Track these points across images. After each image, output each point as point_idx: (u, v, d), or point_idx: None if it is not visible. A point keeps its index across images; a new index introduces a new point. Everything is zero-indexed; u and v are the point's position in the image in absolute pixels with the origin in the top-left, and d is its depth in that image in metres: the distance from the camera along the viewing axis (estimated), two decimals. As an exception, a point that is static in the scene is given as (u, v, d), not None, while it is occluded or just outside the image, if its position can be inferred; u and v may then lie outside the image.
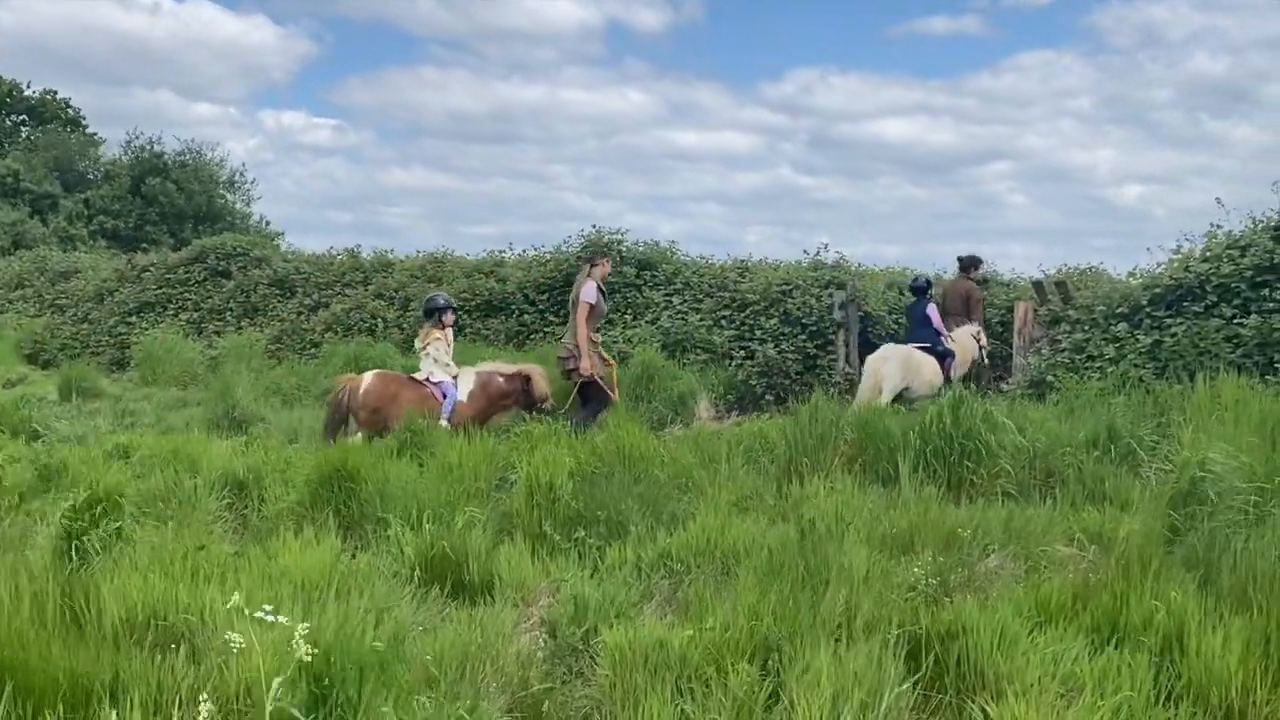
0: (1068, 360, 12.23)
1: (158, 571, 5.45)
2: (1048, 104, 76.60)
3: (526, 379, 11.21)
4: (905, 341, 13.32)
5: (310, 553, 6.16)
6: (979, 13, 74.85)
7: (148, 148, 46.15)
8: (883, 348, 12.94)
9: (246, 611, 3.61)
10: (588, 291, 11.23)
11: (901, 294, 16.62)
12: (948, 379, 12.68)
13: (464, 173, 78.39)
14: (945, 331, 13.34)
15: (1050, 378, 11.93)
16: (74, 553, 5.96)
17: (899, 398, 11.94)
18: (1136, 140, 75.88)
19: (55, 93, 51.34)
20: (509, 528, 7.23)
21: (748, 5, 78.82)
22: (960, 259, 14.77)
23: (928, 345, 12.98)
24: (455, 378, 11.06)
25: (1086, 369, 11.83)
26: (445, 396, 10.83)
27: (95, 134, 50.76)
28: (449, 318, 11.40)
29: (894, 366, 12.16)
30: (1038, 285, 14.59)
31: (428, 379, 10.95)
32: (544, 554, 6.67)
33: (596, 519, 7.07)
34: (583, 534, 6.90)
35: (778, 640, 4.70)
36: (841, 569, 5.56)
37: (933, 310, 13.41)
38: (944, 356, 13.02)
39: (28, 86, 50.94)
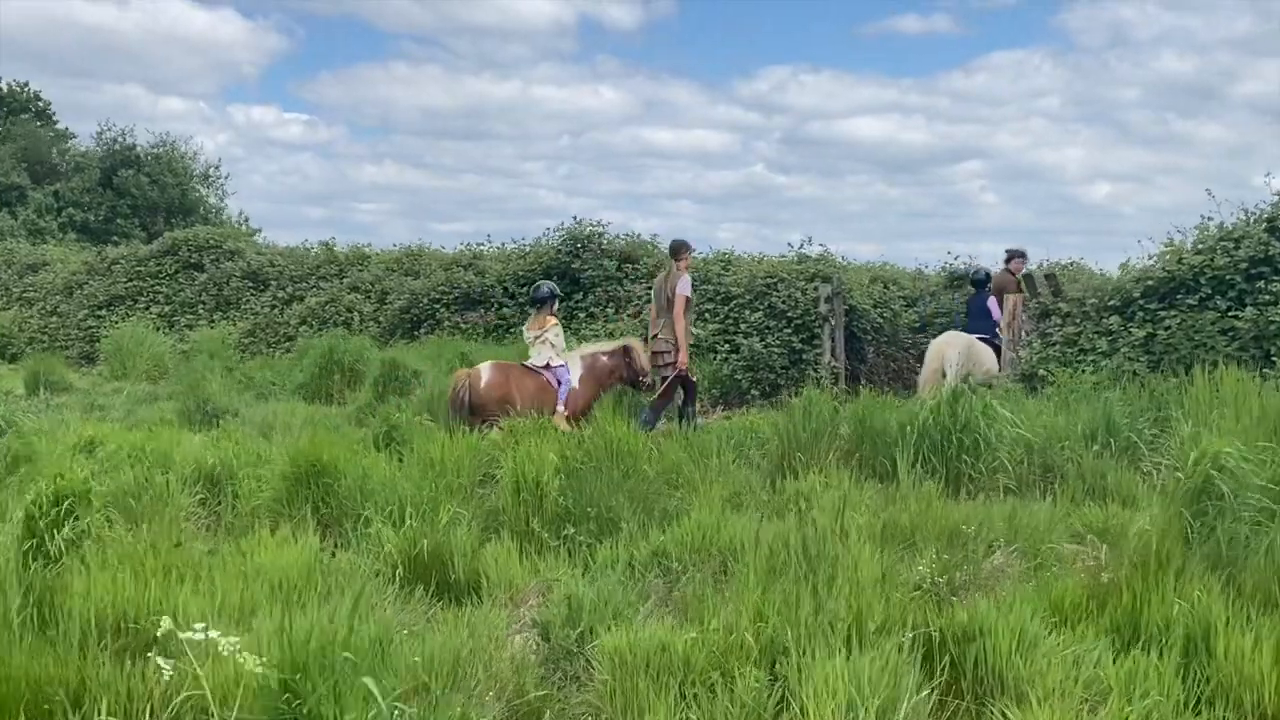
0: (1059, 354, 12.08)
1: (128, 571, 5.18)
2: (1018, 103, 76.46)
3: (627, 351, 11.23)
4: (964, 331, 13.21)
5: (287, 551, 5.91)
6: (949, 12, 74.63)
7: (119, 140, 45.35)
8: (946, 333, 12.94)
9: (179, 631, 3.36)
10: (684, 284, 11.25)
11: (886, 288, 16.56)
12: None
13: (436, 169, 77.44)
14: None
15: (1042, 371, 11.78)
16: (39, 552, 5.66)
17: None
18: (1105, 139, 75.95)
19: (27, 84, 50.46)
20: (494, 525, 6.98)
21: (720, 2, 78.31)
22: (1007, 250, 14.60)
23: (986, 337, 12.96)
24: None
25: (1079, 362, 11.68)
26: (560, 383, 10.71)
27: (66, 129, 49.86)
28: (556, 305, 11.40)
29: (958, 351, 12.10)
30: (1028, 278, 14.41)
31: (547, 365, 10.80)
32: (532, 552, 6.44)
33: (586, 516, 6.84)
34: (572, 531, 6.66)
35: (785, 643, 4.45)
36: (846, 568, 5.32)
37: (993, 303, 13.43)
38: (1001, 349, 12.95)
39: (-1, 80, 50.07)
